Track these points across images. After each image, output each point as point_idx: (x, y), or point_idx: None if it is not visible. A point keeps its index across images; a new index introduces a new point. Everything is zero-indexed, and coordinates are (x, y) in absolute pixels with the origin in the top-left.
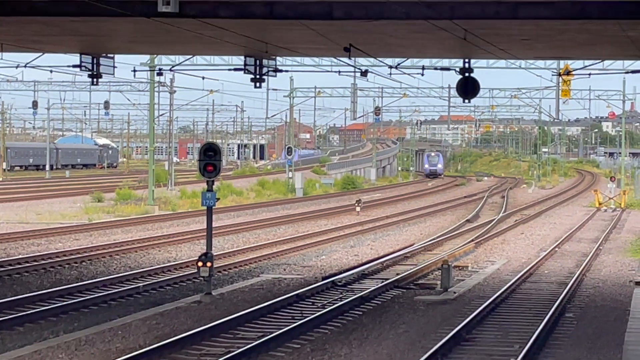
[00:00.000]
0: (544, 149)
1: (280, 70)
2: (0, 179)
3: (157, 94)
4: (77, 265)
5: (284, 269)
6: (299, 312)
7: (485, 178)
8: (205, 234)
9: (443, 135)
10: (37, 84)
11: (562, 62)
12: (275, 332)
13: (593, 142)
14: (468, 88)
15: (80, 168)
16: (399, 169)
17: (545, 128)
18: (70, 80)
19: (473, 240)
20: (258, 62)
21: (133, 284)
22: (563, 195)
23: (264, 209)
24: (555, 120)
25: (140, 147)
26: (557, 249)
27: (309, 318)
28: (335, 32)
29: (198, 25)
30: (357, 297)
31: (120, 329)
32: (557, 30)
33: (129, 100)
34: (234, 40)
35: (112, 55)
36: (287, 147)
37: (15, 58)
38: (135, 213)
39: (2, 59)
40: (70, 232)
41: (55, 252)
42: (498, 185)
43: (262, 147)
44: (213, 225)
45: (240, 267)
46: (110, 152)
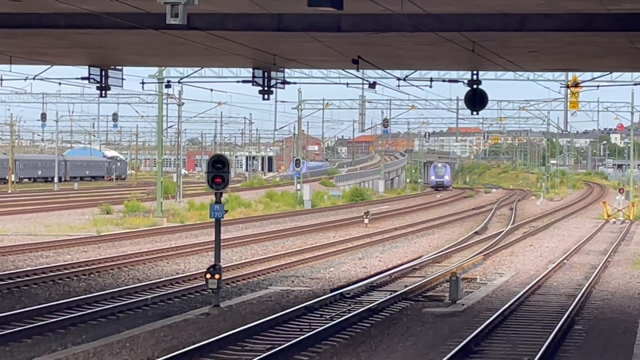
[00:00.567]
0: (553, 161)
1: (289, 82)
2: (9, 191)
3: (165, 106)
4: (85, 277)
5: (293, 281)
6: (308, 324)
7: (494, 190)
8: (214, 246)
9: (451, 147)
10: (45, 96)
11: (570, 74)
12: (284, 344)
13: (601, 154)
14: (476, 100)
15: (89, 180)
16: (407, 181)
17: (554, 140)
18: (79, 93)
19: (481, 252)
20: (266, 74)
21: (141, 296)
22: (571, 207)
23: (272, 221)
24: (564, 132)
25: (149, 159)
26: (565, 261)
27: (318, 330)
28: (344, 44)
29: (206, 38)
30: (365, 309)
31: (129, 341)
32: (565, 43)
33: (138, 113)
34: (243, 53)
35: (120, 68)
36: (295, 159)
37: (24, 70)
38: (144, 225)
39: (11, 71)
40: (79, 244)
41: (64, 264)
42: (506, 197)
43: (270, 159)
44: (221, 237)
45: (249, 279)
46: (119, 164)
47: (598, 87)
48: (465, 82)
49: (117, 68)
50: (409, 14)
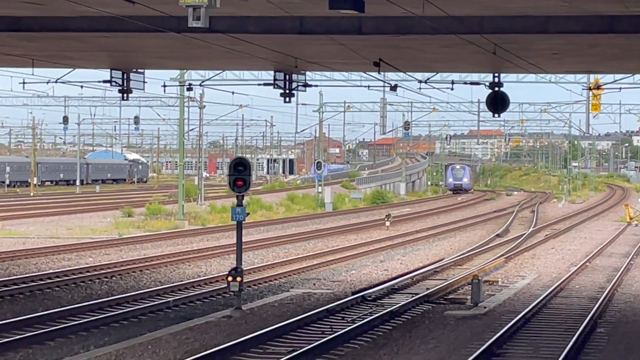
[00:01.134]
0: (574, 164)
1: (310, 85)
2: (31, 194)
3: (186, 109)
4: (107, 280)
5: (314, 284)
6: (329, 326)
7: (515, 192)
8: (235, 249)
9: (472, 150)
10: (67, 100)
11: (592, 76)
12: (305, 346)
13: (623, 156)
14: (498, 102)
15: (111, 183)
16: (429, 184)
17: (576, 142)
18: (101, 96)
19: (503, 255)
20: (287, 76)
21: (163, 299)
22: (593, 210)
23: (294, 224)
24: (586, 135)
25: (170, 162)
26: (587, 264)
27: (339, 333)
28: (365, 47)
29: (228, 41)
30: (387, 311)
31: (151, 344)
32: (587, 45)
33: (159, 115)
34: (264, 55)
35: (142, 71)
36: (316, 161)
37: (46, 73)
38: (165, 228)
39: (33, 75)
40: (101, 246)
41: (86, 266)
42: (528, 200)
43: (291, 161)
44: (243, 240)
45: (270, 281)
46: (140, 167)
47: (620, 89)
48: (487, 84)
49: (138, 71)
50: (431, 17)
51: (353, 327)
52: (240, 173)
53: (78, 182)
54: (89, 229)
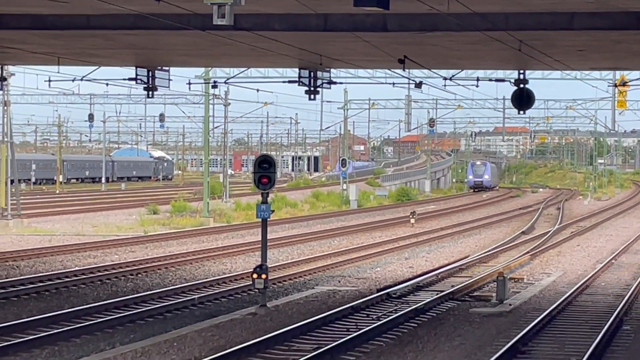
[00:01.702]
0: (600, 160)
1: (335, 82)
2: (57, 192)
3: (211, 107)
4: (132, 277)
5: (339, 281)
6: (354, 324)
7: (541, 190)
8: (260, 246)
9: (498, 147)
10: (93, 97)
11: (618, 72)
12: (331, 344)
13: None
14: (523, 99)
15: (136, 180)
16: (454, 181)
17: (601, 139)
18: (126, 93)
19: (528, 252)
20: (312, 74)
21: (188, 296)
22: (619, 207)
23: (319, 221)
24: (611, 131)
25: (195, 159)
26: (613, 261)
27: (364, 330)
28: (390, 44)
29: (253, 38)
30: (412, 309)
31: (176, 341)
32: (612, 41)
33: (184, 113)
34: (289, 53)
35: (167, 68)
36: (341, 159)
37: (72, 71)
38: (191, 225)
39: (59, 72)
40: (126, 244)
41: (111, 264)
42: (553, 197)
43: (316, 159)
44: (268, 237)
45: (295, 279)
46: (166, 164)
47: None
48: (512, 81)
49: (164, 69)
50: (456, 13)
51: (378, 324)
52: (265, 170)
53: (103, 179)
54: (115, 227)
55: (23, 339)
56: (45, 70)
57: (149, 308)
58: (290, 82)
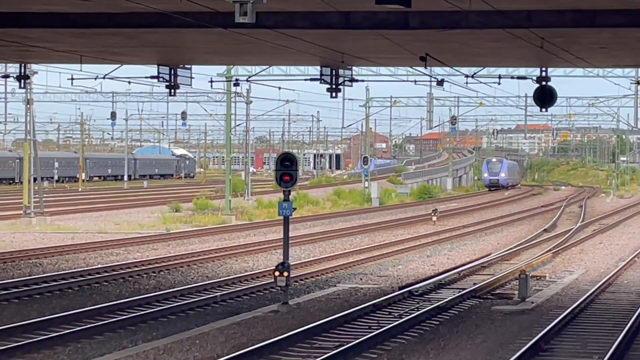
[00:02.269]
0: (622, 158)
1: (356, 80)
2: (80, 189)
3: (233, 105)
4: (155, 275)
5: (361, 279)
6: (376, 321)
7: (563, 187)
8: (282, 244)
9: (520, 145)
10: (115, 95)
11: None
12: (352, 341)
13: None
14: (545, 97)
15: (158, 178)
16: (475, 179)
17: (624, 136)
18: (148, 91)
19: (550, 250)
20: (334, 72)
21: (210, 294)
22: None
23: (340, 219)
24: (634, 129)
25: (217, 157)
26: (636, 259)
27: (386, 328)
28: (412, 41)
29: (274, 36)
30: (434, 306)
31: (198, 338)
32: (635, 38)
33: (206, 111)
34: (310, 51)
35: (189, 66)
36: (363, 156)
37: (94, 69)
38: (213, 223)
39: (81, 71)
40: (148, 242)
41: (134, 261)
42: (575, 195)
43: (338, 156)
44: (290, 235)
45: (317, 276)
46: (188, 162)
47: None
48: (534, 78)
49: (186, 67)
50: (477, 11)
51: (400, 322)
52: (287, 168)
53: (126, 177)
54: (137, 224)
55: (46, 337)
56: (68, 69)
57: (171, 305)
58: (312, 79)
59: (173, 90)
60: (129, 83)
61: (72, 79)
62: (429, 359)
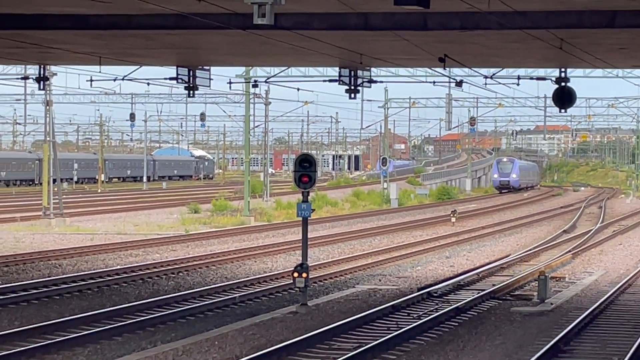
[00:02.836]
0: None
1: (375, 81)
2: (99, 191)
3: (252, 106)
4: (174, 276)
5: (379, 280)
6: (395, 323)
7: (582, 188)
8: (301, 245)
9: (539, 145)
10: (134, 97)
11: None
12: (371, 343)
13: None
14: (564, 97)
15: (177, 179)
16: None
17: None
18: (167, 93)
19: (570, 251)
20: (353, 73)
21: (229, 295)
22: None
23: (359, 220)
24: None
25: (236, 158)
26: None
27: (405, 329)
28: (430, 42)
29: (293, 37)
30: (453, 308)
31: (217, 339)
32: None
33: (225, 112)
34: (329, 52)
35: (208, 68)
36: (381, 157)
37: (113, 71)
38: (231, 224)
39: (100, 72)
40: (168, 243)
41: (153, 262)
42: (595, 196)
43: (356, 157)
44: (308, 236)
45: (336, 277)
46: (207, 163)
47: None
48: (553, 79)
49: (204, 68)
50: (496, 12)
51: (419, 323)
52: (306, 169)
53: (145, 178)
54: (156, 225)
55: (66, 337)
56: (87, 70)
57: (190, 307)
58: (331, 81)
59: (192, 92)
60: (148, 84)
61: (91, 81)
62: None
